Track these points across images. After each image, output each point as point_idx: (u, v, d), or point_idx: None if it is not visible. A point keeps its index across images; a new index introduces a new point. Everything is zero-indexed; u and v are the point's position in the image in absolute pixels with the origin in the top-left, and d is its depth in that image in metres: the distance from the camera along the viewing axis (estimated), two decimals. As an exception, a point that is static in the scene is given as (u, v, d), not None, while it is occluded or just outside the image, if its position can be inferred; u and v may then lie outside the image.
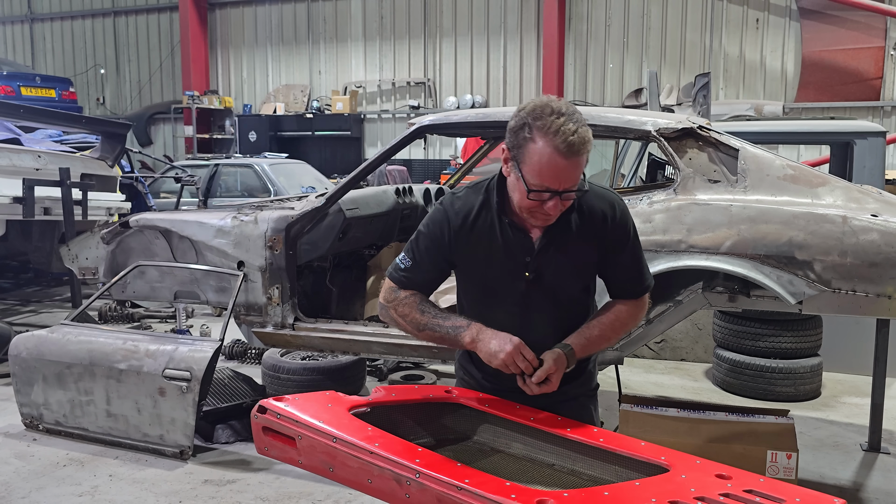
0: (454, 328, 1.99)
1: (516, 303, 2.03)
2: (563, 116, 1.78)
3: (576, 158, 1.79)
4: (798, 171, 3.10)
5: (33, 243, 7.13)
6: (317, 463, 1.87)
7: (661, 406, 3.26)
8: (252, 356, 5.54)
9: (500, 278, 2.03)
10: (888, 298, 2.86)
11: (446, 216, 2.02)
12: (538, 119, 1.79)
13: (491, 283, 2.05)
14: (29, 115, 6.35)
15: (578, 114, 1.81)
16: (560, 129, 1.76)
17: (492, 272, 2.03)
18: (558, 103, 1.81)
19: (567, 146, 1.77)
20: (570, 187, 1.83)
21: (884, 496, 3.49)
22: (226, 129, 16.00)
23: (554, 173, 1.80)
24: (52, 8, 17.87)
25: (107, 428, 3.93)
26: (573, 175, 1.82)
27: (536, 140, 1.79)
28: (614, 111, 3.58)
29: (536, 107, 1.82)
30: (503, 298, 2.04)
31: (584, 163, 1.83)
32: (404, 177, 11.16)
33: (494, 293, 2.05)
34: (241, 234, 3.92)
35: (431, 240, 2.04)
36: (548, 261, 1.99)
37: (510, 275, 2.01)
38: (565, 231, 1.97)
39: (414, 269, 2.06)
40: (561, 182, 1.82)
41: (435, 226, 2.04)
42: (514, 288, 2.02)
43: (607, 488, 1.69)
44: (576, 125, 1.78)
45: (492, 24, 14.05)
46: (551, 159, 1.78)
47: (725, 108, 7.06)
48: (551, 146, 1.77)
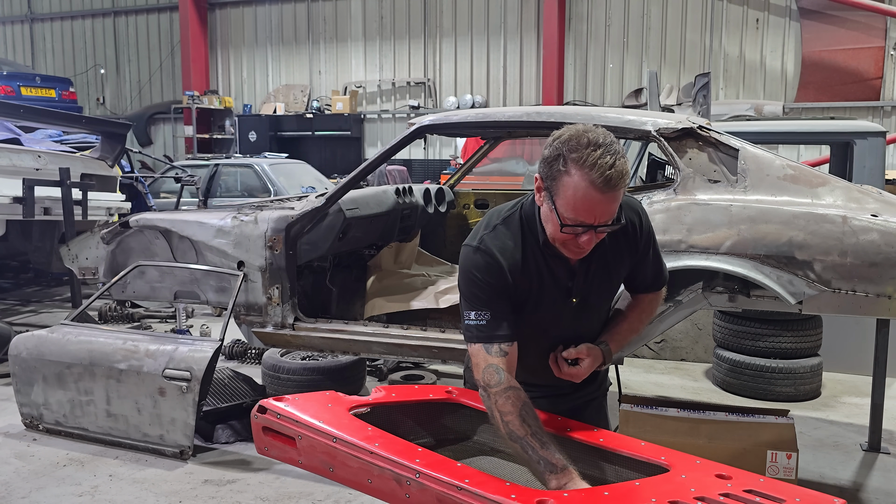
0: (546, 463, 1.72)
1: (566, 327, 2.01)
2: (600, 148, 1.69)
3: (613, 193, 1.71)
4: (798, 171, 3.10)
5: (33, 243, 7.13)
6: (317, 463, 1.87)
7: (661, 406, 3.26)
8: (252, 356, 5.54)
9: (548, 307, 1.97)
10: (888, 298, 2.86)
11: (494, 259, 1.89)
12: (574, 151, 1.71)
13: (540, 313, 1.97)
14: (29, 115, 6.35)
15: (616, 144, 1.73)
16: (597, 163, 1.68)
17: (541, 304, 1.96)
18: (595, 133, 1.72)
19: (604, 181, 1.68)
20: (606, 222, 1.77)
21: (884, 496, 3.49)
22: (226, 129, 16.00)
23: (589, 208, 1.73)
24: (52, 8, 17.88)
25: (107, 428, 3.93)
26: (609, 209, 1.75)
27: (572, 173, 1.71)
28: (614, 111, 3.58)
29: (572, 137, 1.73)
30: (550, 325, 2.00)
31: (621, 196, 1.76)
32: (404, 177, 11.16)
33: (542, 322, 1.99)
34: (241, 234, 3.92)
35: (494, 285, 1.89)
36: (590, 282, 1.98)
37: (556, 302, 1.97)
38: (602, 247, 1.93)
39: (497, 319, 1.88)
40: (596, 217, 1.75)
41: (491, 271, 1.88)
42: (563, 314, 1.99)
43: (607, 488, 1.69)
44: (613, 157, 1.69)
45: (492, 24, 14.05)
46: (587, 194, 1.70)
47: (725, 108, 7.06)
48: (587, 180, 1.69)
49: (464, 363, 2.28)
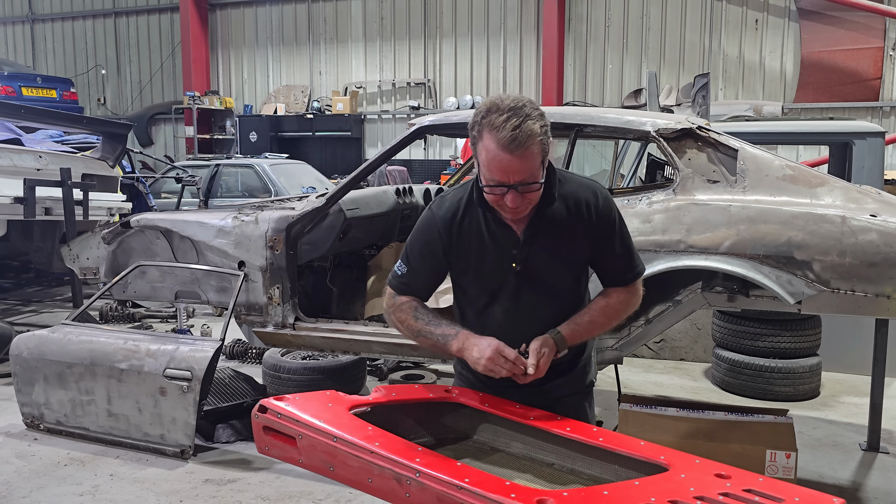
0: (443, 336, 2.03)
1: (509, 297, 2.06)
2: (507, 112, 1.81)
3: (520, 152, 1.82)
4: (797, 172, 3.11)
5: (34, 243, 7.14)
6: (317, 462, 1.88)
7: (660, 405, 3.27)
8: (253, 356, 5.55)
9: (490, 273, 2.05)
10: (887, 298, 2.87)
11: (434, 219, 2.07)
12: (485, 117, 1.84)
13: (483, 280, 2.07)
14: (30, 116, 6.37)
15: (528, 107, 1.84)
16: (504, 126, 1.80)
17: (483, 268, 2.06)
18: (508, 101, 1.84)
19: (508, 141, 1.80)
20: (523, 181, 1.86)
21: (883, 495, 3.50)
22: (226, 130, 16.01)
23: (501, 168, 1.84)
24: (53, 8, 17.88)
25: (108, 427, 3.94)
26: (522, 168, 1.84)
27: (484, 137, 1.85)
28: (614, 111, 3.59)
29: (486, 105, 1.87)
30: (496, 294, 2.07)
31: (535, 156, 1.84)
32: (404, 177, 11.16)
33: (488, 289, 2.08)
34: (242, 235, 3.93)
35: (423, 244, 2.09)
36: (534, 252, 2.02)
37: (500, 269, 2.04)
38: (550, 221, 2.00)
39: (410, 274, 2.12)
40: (510, 176, 1.85)
41: (425, 230, 2.09)
42: (506, 282, 2.05)
43: (607, 487, 1.70)
44: (519, 119, 1.80)
45: (492, 24, 14.06)
46: (496, 155, 1.83)
47: (724, 109, 7.06)
48: (495, 141, 1.82)
49: None
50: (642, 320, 3.32)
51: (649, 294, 3.30)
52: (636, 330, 3.32)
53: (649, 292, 3.15)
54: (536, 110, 1.85)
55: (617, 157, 6.71)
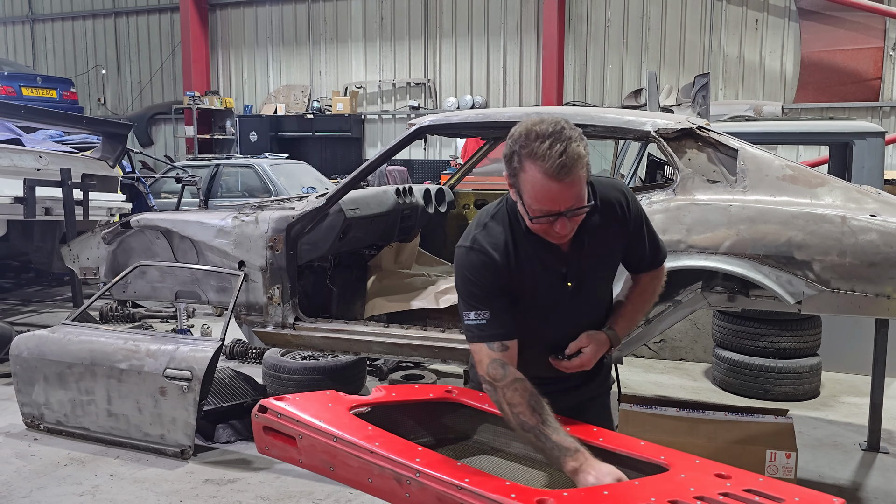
0: (560, 448, 1.76)
1: (563, 313, 2.02)
2: (549, 139, 1.74)
3: (570, 179, 1.76)
4: (797, 172, 3.11)
5: (34, 243, 7.14)
6: (317, 462, 1.88)
7: (660, 405, 3.27)
8: (253, 356, 5.55)
9: (545, 296, 2.00)
10: (887, 298, 2.86)
11: (489, 256, 1.93)
12: (525, 147, 1.77)
13: (539, 304, 2.01)
14: (30, 116, 6.37)
15: (567, 129, 1.77)
16: (547, 154, 1.73)
17: (538, 293, 2.00)
18: (543, 125, 1.77)
19: (557, 169, 1.74)
20: (574, 206, 1.80)
21: (883, 496, 3.50)
22: (226, 130, 16.01)
23: (551, 197, 1.78)
24: (53, 8, 17.88)
25: (108, 427, 3.94)
26: (572, 194, 1.79)
27: (527, 168, 1.77)
28: (614, 112, 3.59)
29: (522, 133, 1.79)
30: (549, 314, 2.02)
31: (583, 179, 1.79)
32: (404, 177, 11.16)
33: (541, 311, 2.02)
34: (242, 235, 3.93)
35: (490, 283, 1.93)
36: (583, 265, 2.00)
37: (553, 289, 2.00)
38: (592, 231, 1.97)
39: (496, 318, 1.92)
40: (561, 204, 1.79)
41: (484, 270, 1.93)
42: (560, 300, 2.01)
43: (607, 487, 1.69)
44: (563, 144, 1.74)
45: (491, 24, 14.06)
46: (544, 185, 1.76)
47: (724, 109, 7.06)
48: (541, 172, 1.75)
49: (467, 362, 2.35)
50: (642, 320, 3.32)
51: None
52: (636, 330, 3.32)
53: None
54: (575, 130, 1.79)
55: (617, 157, 6.71)
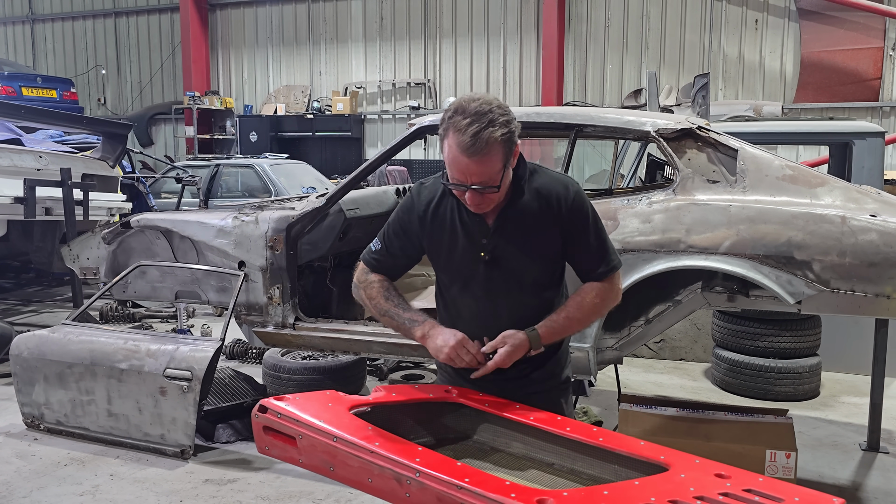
0: (410, 321, 2.12)
1: (480, 286, 2.10)
2: (471, 116, 1.86)
3: (478, 157, 1.86)
4: (797, 172, 3.11)
5: (34, 243, 7.15)
6: (317, 462, 1.88)
7: (660, 405, 3.27)
8: (253, 356, 5.55)
9: (461, 261, 2.10)
10: (887, 298, 2.87)
11: (413, 204, 2.13)
12: (451, 118, 1.90)
13: (455, 267, 2.13)
14: (30, 116, 6.37)
15: (494, 114, 1.86)
16: (465, 130, 1.85)
17: (454, 256, 2.11)
18: (475, 104, 1.88)
19: (467, 146, 1.85)
20: (482, 183, 1.91)
21: (882, 496, 3.50)
22: (227, 130, 16.01)
23: (459, 169, 1.90)
24: (53, 8, 17.87)
25: (108, 427, 3.94)
26: (480, 172, 1.89)
27: (448, 136, 1.90)
28: (614, 112, 3.59)
29: (454, 105, 1.91)
30: (467, 283, 2.12)
31: (495, 162, 1.89)
32: (404, 177, 11.15)
33: (459, 277, 2.13)
34: (242, 235, 3.93)
35: (400, 225, 2.17)
36: (503, 242, 2.05)
37: (470, 257, 2.08)
38: (520, 213, 2.03)
39: (383, 252, 2.20)
40: (468, 177, 1.91)
41: (403, 213, 2.16)
42: (476, 271, 2.09)
43: (607, 487, 1.70)
44: (481, 126, 1.84)
45: (491, 25, 14.06)
46: (456, 156, 1.89)
47: (724, 109, 7.06)
48: (456, 144, 1.88)
49: None
50: (642, 320, 3.32)
51: (649, 294, 3.30)
52: (636, 330, 3.32)
53: (649, 292, 3.15)
54: (504, 116, 1.88)
55: (617, 157, 6.71)
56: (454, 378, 2.20)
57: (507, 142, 1.89)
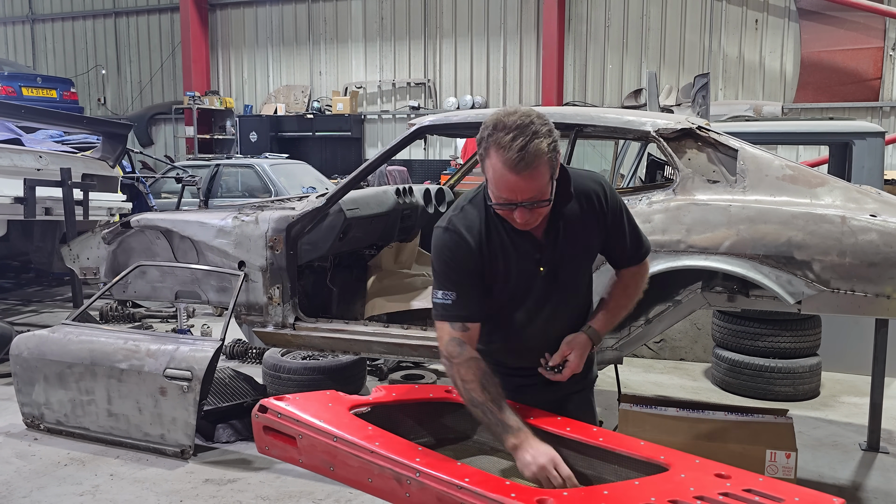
0: (503, 425, 1.86)
1: (536, 300, 2.07)
2: (514, 131, 1.78)
3: (528, 172, 1.80)
4: (797, 172, 3.11)
5: (34, 243, 7.15)
6: (317, 462, 1.88)
7: (660, 405, 3.26)
8: (253, 356, 5.55)
9: (518, 281, 2.05)
10: (887, 298, 2.86)
11: (462, 238, 1.98)
12: (491, 136, 1.82)
13: (512, 289, 2.05)
14: (30, 116, 6.37)
15: (536, 125, 1.80)
16: (510, 146, 1.78)
17: (510, 277, 2.04)
18: (514, 117, 1.81)
19: (515, 162, 1.78)
20: (531, 198, 1.85)
21: (882, 496, 3.50)
22: (227, 130, 16.01)
23: (508, 187, 1.83)
24: (53, 8, 17.88)
25: (108, 427, 3.94)
26: (529, 187, 1.83)
27: (491, 156, 1.82)
28: (614, 112, 3.59)
29: (493, 121, 1.83)
30: (523, 299, 2.07)
31: (544, 175, 1.83)
32: (404, 177, 11.16)
33: (515, 296, 2.07)
34: (242, 235, 3.93)
35: (462, 264, 1.98)
36: (558, 252, 2.04)
37: (526, 275, 2.04)
38: (567, 220, 2.02)
39: (461, 300, 1.97)
40: (518, 195, 1.84)
41: (458, 250, 1.98)
42: (533, 287, 2.06)
43: (607, 487, 1.70)
44: (525, 139, 1.78)
45: (491, 25, 14.06)
46: (503, 175, 1.81)
47: (724, 109, 7.07)
48: (501, 162, 1.80)
49: None
50: (642, 320, 3.32)
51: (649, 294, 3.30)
52: (636, 330, 3.32)
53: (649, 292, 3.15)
54: (545, 126, 1.82)
55: (617, 157, 6.71)
56: None
57: (553, 151, 1.83)
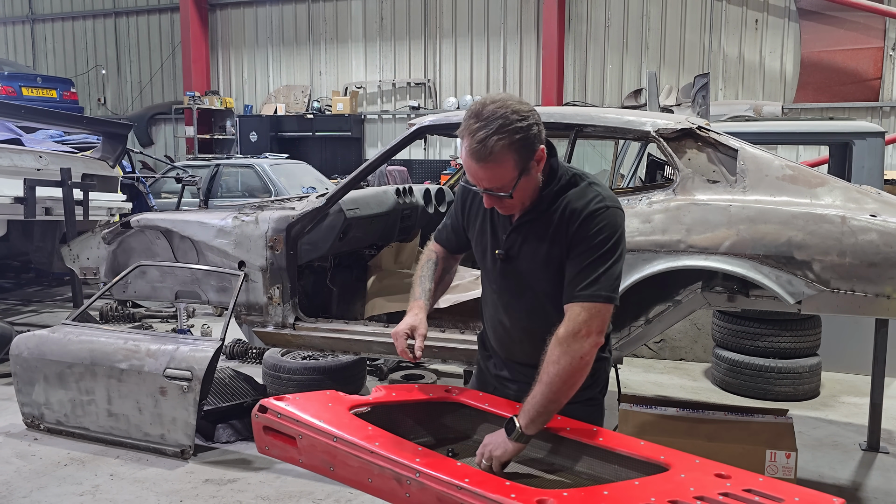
0: (412, 295, 2.28)
1: (495, 279, 2.13)
2: (481, 122, 1.81)
3: (484, 164, 1.83)
4: (797, 172, 3.11)
5: (34, 243, 7.15)
6: (317, 462, 1.88)
7: (660, 405, 3.27)
8: (253, 356, 5.55)
9: (485, 251, 2.14)
10: (887, 298, 2.86)
11: (463, 188, 2.16)
12: (467, 120, 1.86)
13: (481, 255, 2.18)
14: (30, 116, 6.37)
15: (509, 119, 1.79)
16: (473, 135, 1.82)
17: (481, 244, 2.15)
18: (491, 107, 1.82)
19: (474, 151, 1.83)
20: (490, 188, 1.89)
21: (882, 495, 3.50)
22: (227, 130, 16.01)
23: (470, 173, 1.91)
24: (54, 8, 17.87)
25: (108, 427, 3.94)
26: (489, 178, 1.87)
27: (462, 138, 1.88)
28: (614, 112, 3.59)
29: (474, 106, 1.87)
30: (488, 272, 2.16)
31: (503, 169, 1.84)
32: (404, 177, 11.16)
33: (483, 265, 2.18)
34: (242, 235, 3.93)
35: (455, 206, 2.27)
36: (518, 243, 2.04)
37: (490, 250, 2.11)
38: (539, 220, 2.00)
39: (444, 226, 2.34)
40: (478, 181, 1.91)
41: (457, 195, 2.24)
42: (493, 264, 2.12)
43: (607, 487, 1.70)
44: (488, 132, 1.79)
45: (491, 24, 14.05)
46: (466, 160, 1.89)
47: (724, 109, 7.07)
48: (465, 148, 1.86)
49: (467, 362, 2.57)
50: (642, 320, 3.32)
51: (649, 294, 3.30)
52: (636, 330, 3.32)
53: (649, 292, 3.15)
54: (520, 120, 1.80)
55: (617, 157, 6.71)
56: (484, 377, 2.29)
57: (521, 149, 1.82)
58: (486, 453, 1.86)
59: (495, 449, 1.86)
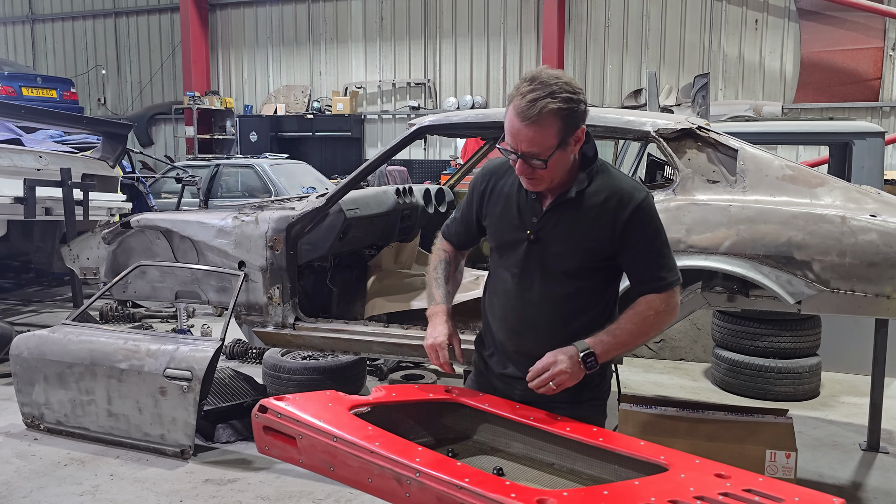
0: (431, 298, 2.26)
1: (517, 263, 2.09)
2: (532, 83, 1.87)
3: (529, 123, 1.87)
4: (797, 172, 3.11)
5: (34, 243, 7.14)
6: (317, 462, 1.88)
7: (660, 405, 3.27)
8: (253, 356, 5.55)
9: (507, 235, 2.11)
10: (887, 298, 2.87)
11: (482, 176, 2.19)
12: (519, 84, 1.92)
13: (501, 240, 2.14)
14: (30, 116, 6.37)
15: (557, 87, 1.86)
16: (525, 95, 1.87)
17: (502, 227, 2.12)
18: (543, 75, 1.89)
19: (521, 109, 1.87)
20: (529, 152, 1.91)
21: (882, 496, 3.50)
22: (227, 130, 16.01)
23: (512, 132, 1.92)
24: (54, 8, 17.87)
25: (108, 427, 3.94)
26: (530, 139, 1.89)
27: (511, 100, 1.92)
28: (614, 112, 3.59)
29: (529, 73, 1.93)
30: (508, 257, 2.12)
31: (547, 132, 1.88)
32: (404, 177, 11.16)
33: (503, 250, 2.14)
34: (242, 235, 3.93)
35: (469, 196, 2.24)
36: (551, 226, 2.03)
37: (516, 232, 2.08)
38: (576, 204, 2.01)
39: (454, 219, 2.32)
40: (518, 144, 1.91)
41: (473, 184, 2.23)
42: (518, 246, 2.08)
43: (607, 487, 1.70)
44: (539, 93, 1.85)
45: (491, 25, 14.06)
46: (511, 119, 1.91)
47: (724, 109, 7.07)
48: (513, 107, 1.90)
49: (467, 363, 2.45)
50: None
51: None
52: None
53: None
54: (570, 93, 1.87)
55: (617, 157, 6.71)
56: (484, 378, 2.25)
57: (566, 118, 1.88)
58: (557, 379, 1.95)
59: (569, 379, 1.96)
